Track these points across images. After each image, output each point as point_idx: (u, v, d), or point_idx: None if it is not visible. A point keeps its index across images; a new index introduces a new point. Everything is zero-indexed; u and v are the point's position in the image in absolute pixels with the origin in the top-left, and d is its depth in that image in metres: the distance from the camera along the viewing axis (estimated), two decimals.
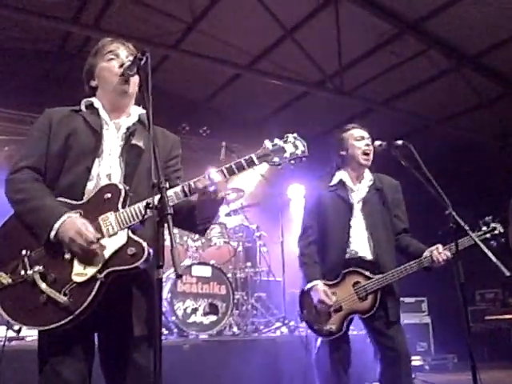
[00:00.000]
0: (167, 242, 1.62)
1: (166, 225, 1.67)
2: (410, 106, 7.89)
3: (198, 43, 6.80)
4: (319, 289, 3.08)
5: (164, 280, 4.40)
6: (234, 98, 8.21)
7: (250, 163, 2.04)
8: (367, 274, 3.11)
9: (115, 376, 2.01)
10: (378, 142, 3.27)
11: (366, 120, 8.24)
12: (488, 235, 3.08)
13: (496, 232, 3.09)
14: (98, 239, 1.92)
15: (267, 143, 2.08)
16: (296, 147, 2.10)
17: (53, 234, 1.90)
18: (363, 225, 3.21)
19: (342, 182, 3.30)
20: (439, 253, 3.05)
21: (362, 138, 3.32)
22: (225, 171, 2.02)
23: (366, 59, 7.15)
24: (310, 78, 7.25)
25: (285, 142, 2.10)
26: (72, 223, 1.91)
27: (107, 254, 1.92)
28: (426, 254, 3.09)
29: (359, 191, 3.29)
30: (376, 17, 6.42)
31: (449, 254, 3.03)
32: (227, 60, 6.79)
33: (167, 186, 1.77)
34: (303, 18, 6.58)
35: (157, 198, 1.73)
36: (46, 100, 6.41)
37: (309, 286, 3.12)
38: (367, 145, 3.28)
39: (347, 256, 3.16)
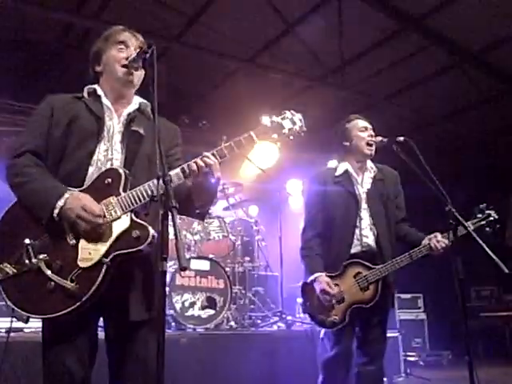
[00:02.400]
0: (170, 235, 1.62)
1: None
2: (411, 102, 7.88)
3: (200, 36, 6.77)
4: (322, 280, 3.10)
5: None
6: (234, 92, 8.16)
7: (249, 140, 2.05)
8: (368, 264, 3.15)
9: (118, 365, 2.02)
10: (379, 138, 3.28)
11: (367, 115, 8.22)
12: (483, 222, 3.11)
13: (491, 218, 3.12)
14: (104, 216, 1.92)
15: (265, 119, 2.09)
16: (294, 123, 2.14)
17: (56, 211, 1.90)
18: (368, 217, 3.23)
19: (347, 173, 3.30)
20: (438, 241, 3.08)
21: (366, 128, 3.34)
22: (224, 150, 2.04)
23: (368, 54, 7.13)
24: (312, 73, 7.23)
25: (282, 118, 2.14)
26: (76, 199, 1.92)
27: (112, 237, 1.92)
28: (425, 242, 3.13)
29: (364, 183, 3.31)
30: (379, 12, 6.39)
31: (447, 241, 3.04)
32: (228, 54, 6.77)
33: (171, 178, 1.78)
34: (306, 12, 6.54)
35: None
36: (45, 91, 6.44)
37: (312, 277, 3.14)
38: (371, 135, 3.30)
39: (356, 249, 3.19)
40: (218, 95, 8.39)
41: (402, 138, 3.14)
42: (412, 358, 6.80)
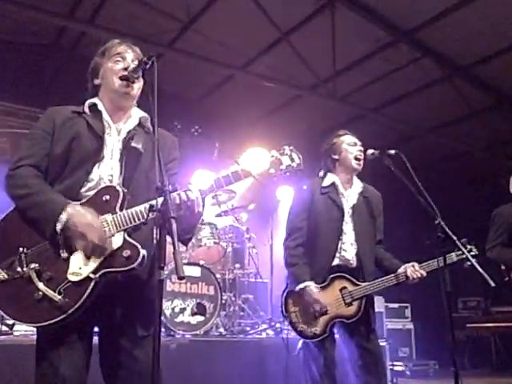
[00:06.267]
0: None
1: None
2: (401, 113, 7.96)
3: (194, 43, 6.81)
4: (313, 290, 3.10)
5: None
6: (227, 99, 8.22)
7: (247, 173, 2.09)
8: (353, 280, 3.16)
9: (112, 372, 2.03)
10: (370, 151, 3.31)
11: (356, 126, 8.31)
12: (465, 256, 3.13)
13: (472, 253, 3.17)
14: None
15: (265, 154, 2.13)
16: (292, 160, 2.15)
17: (59, 226, 1.92)
18: (352, 232, 3.26)
19: (333, 185, 3.33)
20: (415, 271, 3.12)
21: (355, 144, 3.38)
22: (222, 180, 2.05)
23: (360, 65, 7.22)
24: (304, 82, 7.29)
25: (281, 154, 2.15)
26: (80, 216, 1.93)
27: (104, 255, 1.94)
28: (402, 270, 3.15)
29: (350, 197, 3.33)
30: (371, 24, 6.48)
31: (424, 272, 3.11)
32: (221, 61, 6.81)
33: (170, 188, 1.80)
34: (299, 22, 6.62)
35: (160, 200, 1.76)
36: (39, 93, 6.44)
37: (301, 286, 3.11)
38: (359, 150, 3.34)
39: (335, 261, 3.20)
40: (211, 102, 8.44)
41: (393, 151, 3.20)
42: (399, 368, 6.83)
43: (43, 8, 5.73)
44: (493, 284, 4.25)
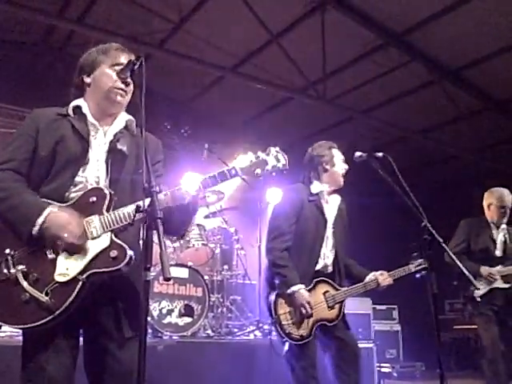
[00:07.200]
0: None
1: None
2: (390, 116, 8.01)
3: (184, 43, 6.80)
4: (304, 293, 3.16)
5: None
6: (217, 100, 8.22)
7: (234, 174, 2.09)
8: (334, 284, 3.33)
9: (97, 373, 2.02)
10: (358, 153, 3.33)
11: (345, 128, 8.37)
12: (419, 267, 3.38)
13: (422, 267, 3.35)
14: (85, 235, 1.94)
15: (251, 156, 2.14)
16: (278, 160, 2.17)
17: (35, 229, 1.91)
18: (332, 239, 3.43)
19: (320, 194, 3.44)
20: (384, 279, 3.37)
21: (344, 161, 3.52)
22: (208, 181, 2.06)
23: (350, 68, 7.24)
24: (294, 84, 7.31)
25: (267, 154, 2.17)
26: (56, 217, 1.92)
27: (90, 255, 1.94)
28: (371, 277, 3.38)
29: (331, 208, 3.48)
30: (361, 27, 6.50)
31: (391, 281, 3.39)
32: (211, 62, 6.80)
33: (157, 189, 1.80)
34: (289, 24, 6.63)
35: (147, 201, 1.76)
36: (27, 93, 6.38)
37: (293, 289, 3.16)
38: (346, 169, 3.51)
39: (317, 267, 3.34)
40: (201, 102, 8.43)
41: (380, 154, 3.22)
42: (386, 370, 6.87)
43: (32, 6, 5.69)
44: (478, 287, 4.35)
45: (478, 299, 4.39)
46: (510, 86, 7.36)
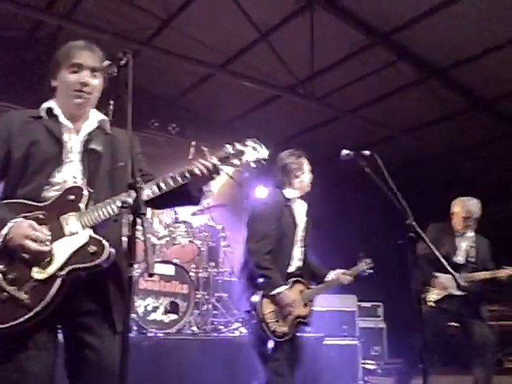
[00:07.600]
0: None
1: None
2: (377, 115, 8.05)
3: (172, 40, 6.77)
4: (288, 294, 3.40)
5: None
6: (204, 98, 8.20)
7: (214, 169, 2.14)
8: (306, 283, 3.59)
9: (77, 371, 2.01)
10: (345, 152, 3.34)
11: (333, 127, 8.40)
12: (368, 266, 3.86)
13: (369, 265, 3.87)
14: (54, 239, 1.94)
15: (228, 147, 2.18)
16: (255, 151, 2.19)
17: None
18: (302, 242, 3.65)
19: (293, 200, 3.66)
20: (345, 277, 3.76)
21: (310, 171, 3.76)
22: (187, 174, 2.12)
23: (338, 67, 7.26)
24: (282, 82, 7.32)
25: (244, 145, 2.20)
26: (18, 228, 1.92)
27: (68, 252, 1.95)
28: (333, 276, 3.75)
29: (301, 214, 3.69)
30: (349, 26, 6.52)
31: (351, 278, 3.79)
32: (199, 59, 6.79)
33: (142, 185, 1.81)
34: (278, 22, 6.62)
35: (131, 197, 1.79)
36: (13, 87, 6.32)
37: (279, 290, 3.36)
38: (311, 178, 3.77)
39: (290, 269, 3.57)
40: (188, 100, 8.40)
41: (367, 152, 3.23)
42: (370, 366, 6.91)
43: (19, 1, 5.64)
44: (462, 284, 4.43)
45: (432, 304, 4.67)
46: (496, 85, 7.42)
